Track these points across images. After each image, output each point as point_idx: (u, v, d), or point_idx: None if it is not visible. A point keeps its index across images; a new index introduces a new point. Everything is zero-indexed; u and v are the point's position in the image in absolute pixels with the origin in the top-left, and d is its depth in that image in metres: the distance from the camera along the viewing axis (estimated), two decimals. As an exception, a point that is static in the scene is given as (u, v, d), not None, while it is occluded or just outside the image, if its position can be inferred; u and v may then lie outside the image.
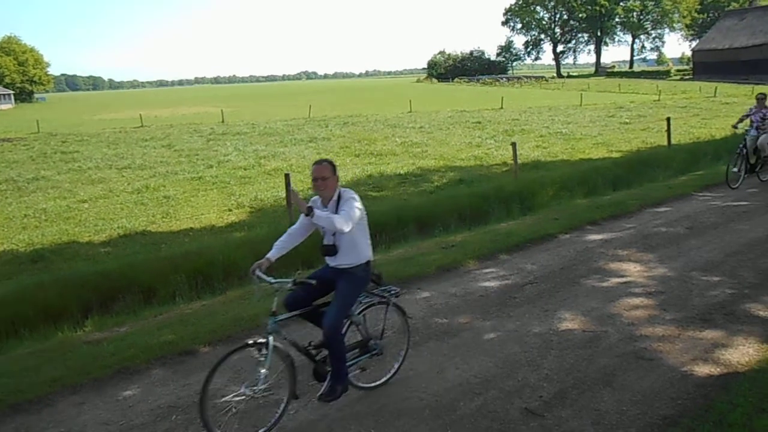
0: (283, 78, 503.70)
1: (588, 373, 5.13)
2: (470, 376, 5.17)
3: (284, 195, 10.77)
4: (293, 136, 28.12)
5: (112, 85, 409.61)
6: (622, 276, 7.55)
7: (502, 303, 6.80)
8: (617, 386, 4.90)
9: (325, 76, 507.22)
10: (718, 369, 5.11)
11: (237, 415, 4.43)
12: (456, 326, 6.21)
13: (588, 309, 6.52)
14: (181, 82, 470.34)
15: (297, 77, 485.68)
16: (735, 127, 13.28)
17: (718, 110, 35.58)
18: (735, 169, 12.50)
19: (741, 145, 12.56)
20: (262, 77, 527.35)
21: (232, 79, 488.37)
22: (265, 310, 6.75)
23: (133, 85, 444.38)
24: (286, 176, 10.58)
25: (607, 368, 5.20)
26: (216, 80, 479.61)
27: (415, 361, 5.45)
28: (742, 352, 5.39)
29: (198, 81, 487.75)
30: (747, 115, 12.87)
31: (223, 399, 4.39)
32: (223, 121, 37.92)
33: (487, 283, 7.48)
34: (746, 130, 12.70)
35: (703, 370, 5.11)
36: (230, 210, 13.54)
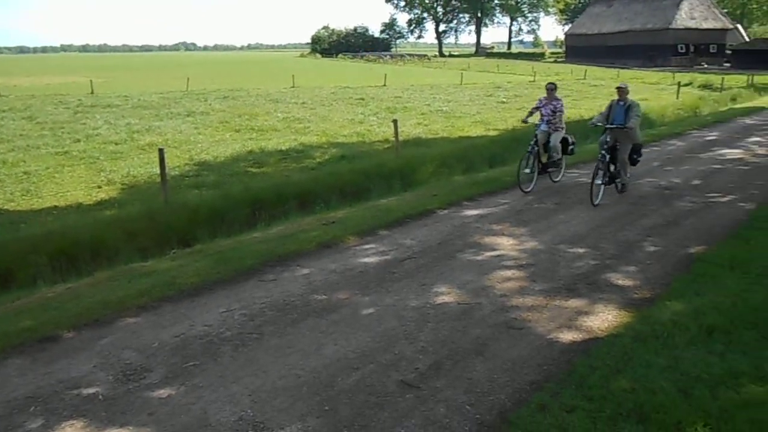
0: (160, 48, 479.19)
1: (462, 344, 5.29)
2: (348, 351, 5.19)
3: (158, 171, 10.29)
4: (169, 109, 26.91)
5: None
6: (496, 250, 7.84)
7: (381, 278, 6.87)
8: (489, 355, 5.09)
9: (205, 48, 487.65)
10: (581, 335, 5.44)
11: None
12: (335, 302, 6.21)
13: (463, 282, 6.72)
14: (45, 50, 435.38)
15: (175, 48, 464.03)
16: (525, 121, 11.53)
17: (587, 92, 37.70)
18: (527, 170, 10.89)
19: (532, 143, 11.00)
20: (137, 47, 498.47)
21: (103, 48, 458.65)
22: (136, 291, 6.50)
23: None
24: (160, 151, 10.12)
25: (480, 338, 5.39)
26: (85, 48, 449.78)
27: (293, 338, 5.41)
28: (602, 319, 5.76)
29: (64, 48, 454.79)
30: (537, 108, 11.27)
31: None
32: (92, 93, 35.61)
33: (366, 259, 7.53)
34: (536, 125, 11.27)
35: (567, 336, 5.41)
36: (99, 187, 12.79)
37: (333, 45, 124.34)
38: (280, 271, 7.15)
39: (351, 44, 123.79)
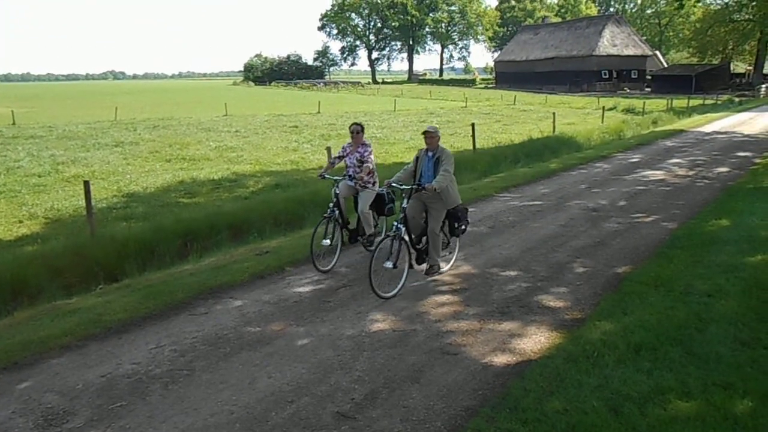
0: (87, 77, 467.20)
1: (398, 371, 5.27)
2: (283, 384, 5.09)
3: (84, 203, 9.93)
4: (97, 140, 26.13)
5: None
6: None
7: (316, 308, 6.80)
8: (425, 382, 5.08)
9: (135, 77, 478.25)
10: (514, 358, 5.50)
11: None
12: (269, 334, 6.09)
13: (398, 309, 6.71)
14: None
15: (103, 77, 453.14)
16: (322, 176, 8.47)
17: (518, 117, 38.69)
18: (327, 241, 7.98)
19: (332, 204, 8.22)
20: (62, 76, 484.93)
21: (26, 77, 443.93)
22: (59, 330, 6.20)
23: None
24: (86, 183, 9.79)
25: (416, 365, 5.38)
26: (6, 78, 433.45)
27: (225, 373, 5.27)
28: (535, 341, 5.85)
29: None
30: (340, 157, 8.70)
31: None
32: (14, 123, 34.30)
33: (301, 289, 7.44)
34: (335, 181, 8.43)
35: (501, 360, 5.46)
36: (21, 222, 12.23)
37: (266, 73, 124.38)
38: (212, 304, 6.98)
39: (284, 72, 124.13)
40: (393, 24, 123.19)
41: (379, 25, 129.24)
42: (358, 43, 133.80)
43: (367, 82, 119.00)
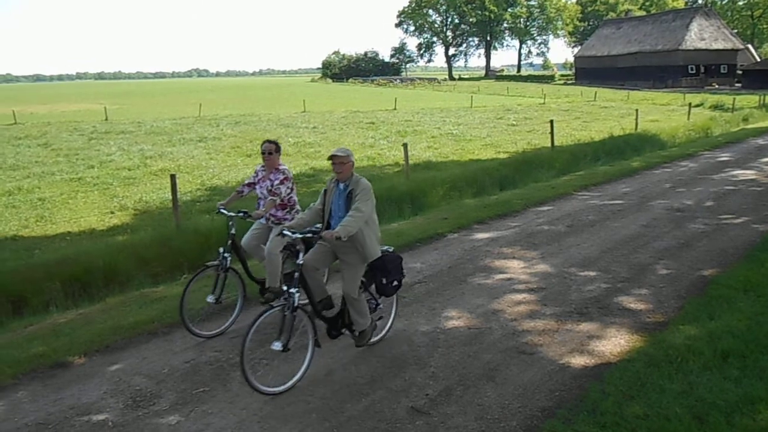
0: (173, 75, 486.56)
1: (472, 369, 5.25)
2: (358, 377, 5.17)
3: (171, 196, 10.35)
4: (182, 135, 27.19)
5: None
6: (507, 273, 7.80)
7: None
8: (500, 381, 5.05)
9: (217, 74, 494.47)
10: (593, 360, 5.38)
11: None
12: (346, 328, 6.17)
13: (474, 306, 6.68)
14: (60, 77, 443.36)
15: (188, 74, 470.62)
16: (220, 210, 6.40)
17: (598, 114, 37.65)
18: (211, 298, 6.09)
19: (222, 250, 6.11)
20: (150, 74, 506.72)
21: (117, 75, 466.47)
22: (147, 317, 6.50)
23: (6, 79, 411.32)
24: (172, 177, 10.20)
25: (491, 364, 5.34)
26: (100, 76, 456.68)
27: (301, 365, 5.37)
28: (614, 343, 5.70)
29: (80, 76, 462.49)
30: (251, 184, 6.85)
31: None
32: (106, 119, 36.10)
33: (376, 283, 7.50)
34: (230, 217, 6.33)
35: (578, 361, 5.35)
36: (112, 213, 12.88)
37: (343, 70, 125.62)
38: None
39: (361, 69, 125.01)
40: (470, 20, 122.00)
41: (456, 21, 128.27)
42: (435, 39, 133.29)
43: (443, 78, 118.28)
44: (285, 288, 5.02)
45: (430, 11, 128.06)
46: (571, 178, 15.31)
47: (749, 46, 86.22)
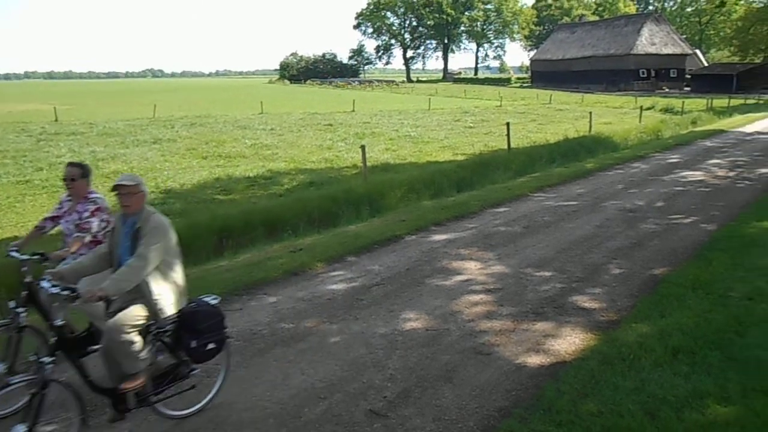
0: (127, 75, 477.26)
1: (430, 370, 5.27)
2: (316, 380, 5.13)
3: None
4: (135, 136, 26.60)
5: None
6: (464, 274, 7.85)
7: (349, 305, 6.82)
8: (457, 382, 5.07)
9: (173, 75, 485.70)
10: (548, 359, 5.45)
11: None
12: (302, 331, 6.14)
13: (432, 308, 6.71)
14: (7, 76, 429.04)
15: (142, 75, 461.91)
16: (11, 253, 4.69)
17: (553, 116, 38.26)
18: (2, 366, 4.55)
19: (14, 304, 4.58)
20: (103, 73, 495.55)
21: (68, 75, 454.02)
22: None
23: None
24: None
25: (449, 365, 5.37)
26: (50, 75, 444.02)
27: (259, 369, 5.33)
28: (569, 342, 5.79)
29: (28, 75, 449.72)
30: (54, 217, 5.31)
31: None
32: (56, 120, 35.09)
33: (334, 286, 7.48)
34: (22, 261, 4.64)
35: (534, 360, 5.42)
36: (62, 216, 12.52)
37: (301, 71, 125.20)
38: (246, 300, 7.06)
39: (319, 70, 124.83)
40: (428, 22, 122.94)
41: (414, 23, 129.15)
42: (393, 41, 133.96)
43: (401, 80, 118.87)
44: (33, 358, 3.88)
45: (388, 13, 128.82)
46: (527, 179, 15.50)
47: (697, 51, 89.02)
